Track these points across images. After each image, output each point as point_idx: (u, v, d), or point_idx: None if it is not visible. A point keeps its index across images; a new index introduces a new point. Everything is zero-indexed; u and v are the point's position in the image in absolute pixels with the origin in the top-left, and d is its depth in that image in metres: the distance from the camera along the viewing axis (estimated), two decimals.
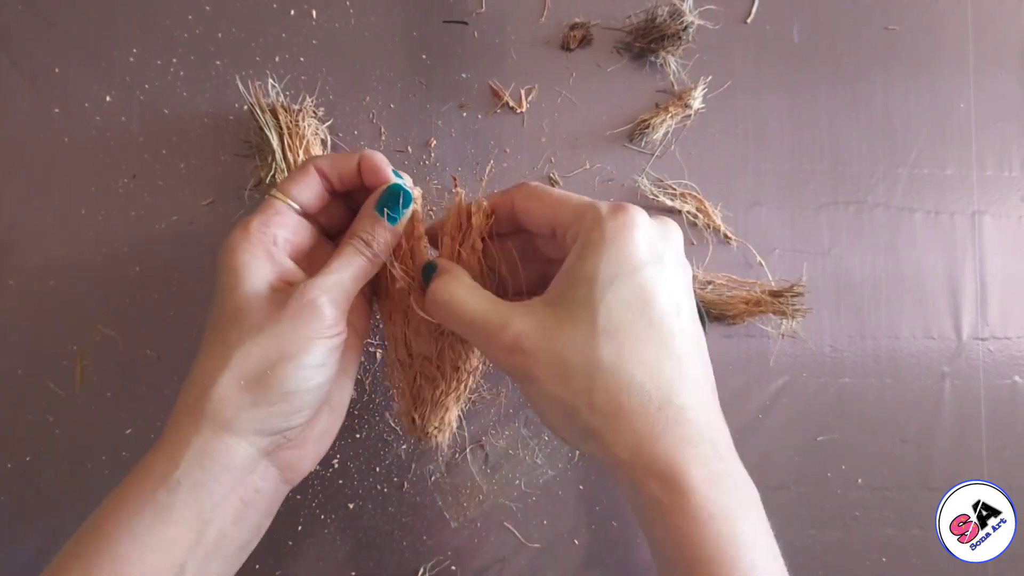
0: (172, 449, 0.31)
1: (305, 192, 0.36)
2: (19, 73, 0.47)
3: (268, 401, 0.32)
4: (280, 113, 0.45)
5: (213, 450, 0.31)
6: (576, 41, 0.50)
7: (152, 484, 0.31)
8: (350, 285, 0.35)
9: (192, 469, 0.31)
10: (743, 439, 0.50)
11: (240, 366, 0.32)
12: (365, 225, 0.36)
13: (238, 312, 0.33)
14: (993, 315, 0.53)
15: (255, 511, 0.34)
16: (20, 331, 0.46)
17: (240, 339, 0.32)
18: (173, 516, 0.30)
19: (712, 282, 0.50)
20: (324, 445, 0.38)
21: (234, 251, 0.34)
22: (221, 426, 0.31)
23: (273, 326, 0.32)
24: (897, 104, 0.53)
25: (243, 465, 0.32)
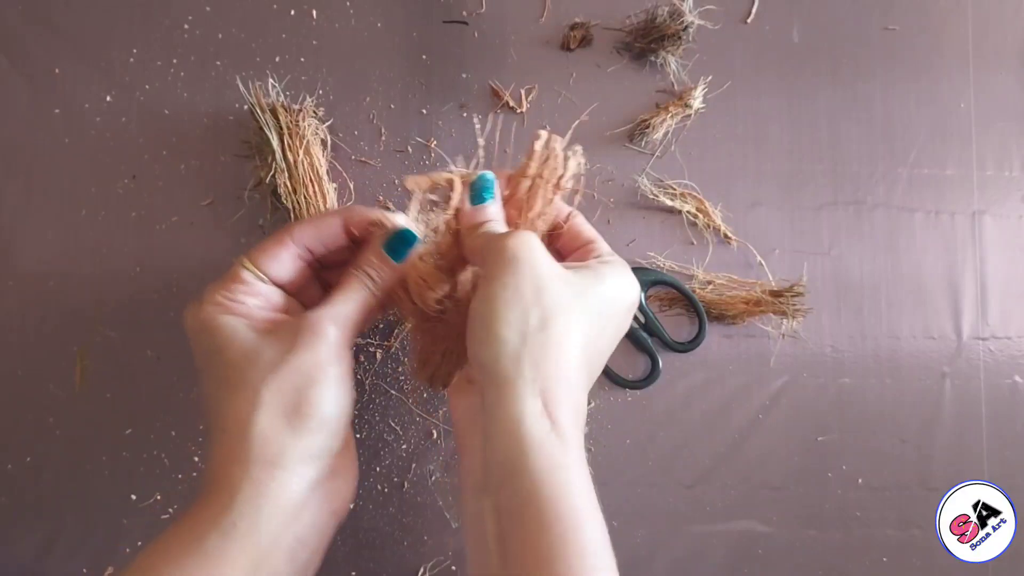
0: (221, 495, 0.31)
1: (277, 266, 0.36)
2: (19, 74, 0.47)
3: (307, 429, 0.32)
4: (280, 113, 0.45)
5: (266, 489, 0.31)
6: (576, 41, 0.50)
7: (205, 527, 0.30)
8: (355, 315, 0.35)
9: (248, 509, 0.31)
10: (743, 439, 0.50)
11: (273, 400, 0.32)
12: (371, 261, 0.36)
13: (248, 355, 0.33)
14: (993, 315, 0.53)
15: (306, 548, 0.34)
16: (20, 331, 0.46)
17: (263, 377, 0.32)
18: (227, 558, 0.30)
19: (712, 282, 0.50)
20: (353, 471, 0.38)
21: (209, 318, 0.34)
22: (270, 463, 0.31)
23: (293, 357, 0.33)
24: (897, 104, 0.53)
25: (295, 501, 0.32)
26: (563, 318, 0.33)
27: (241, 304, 0.35)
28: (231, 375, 0.33)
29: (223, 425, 0.33)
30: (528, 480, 0.30)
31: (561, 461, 0.31)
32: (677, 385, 0.50)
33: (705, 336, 0.50)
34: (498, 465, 0.31)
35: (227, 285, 0.35)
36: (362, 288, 0.36)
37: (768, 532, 0.50)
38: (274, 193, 0.45)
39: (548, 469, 0.30)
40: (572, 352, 0.33)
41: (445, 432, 0.48)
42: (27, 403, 0.46)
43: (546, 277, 0.33)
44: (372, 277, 0.36)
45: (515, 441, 0.31)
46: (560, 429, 0.31)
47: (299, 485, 0.32)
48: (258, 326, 0.34)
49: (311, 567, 0.35)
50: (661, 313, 0.50)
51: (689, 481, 0.50)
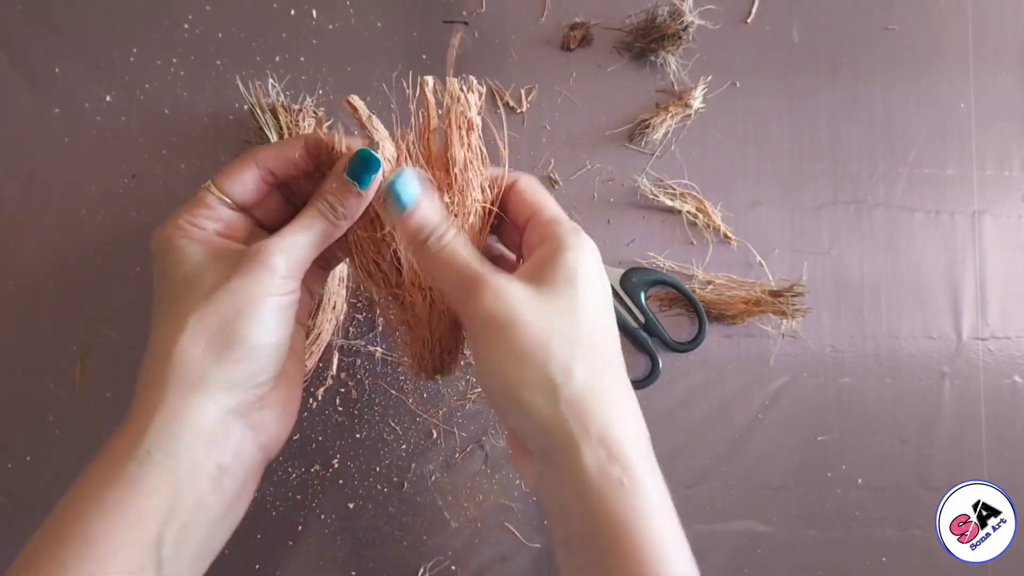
0: (138, 421, 0.31)
1: (239, 187, 0.36)
2: (19, 73, 0.47)
3: (231, 358, 0.31)
4: (280, 113, 0.45)
5: (182, 414, 0.30)
6: (576, 41, 0.50)
7: (121, 457, 0.30)
8: (308, 246, 0.34)
9: (162, 437, 0.30)
10: (743, 439, 0.50)
11: (198, 326, 0.31)
12: (333, 188, 0.35)
13: (188, 280, 0.33)
14: (993, 315, 0.53)
15: (232, 479, 0.33)
16: (20, 331, 0.46)
17: (194, 303, 0.32)
18: (144, 487, 0.29)
19: (712, 282, 0.50)
20: (291, 411, 0.37)
21: (168, 239, 0.34)
22: (187, 388, 0.31)
23: (226, 283, 0.32)
24: (897, 104, 0.53)
25: (214, 427, 0.32)
26: (579, 353, 0.32)
27: (201, 229, 0.34)
28: (169, 298, 0.33)
29: (150, 348, 0.32)
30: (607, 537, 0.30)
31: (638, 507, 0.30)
32: (677, 385, 0.50)
33: (705, 336, 0.50)
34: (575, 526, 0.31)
35: (190, 208, 0.35)
36: (318, 217, 0.35)
37: (768, 532, 0.50)
38: None
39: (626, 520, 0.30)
40: (608, 378, 0.32)
41: (445, 432, 0.48)
42: (27, 403, 0.46)
43: (540, 327, 0.31)
44: (331, 204, 0.35)
45: (587, 502, 0.30)
46: (631, 471, 0.30)
47: (217, 412, 0.32)
48: (210, 251, 0.34)
49: (241, 499, 0.34)
50: (661, 313, 0.50)
51: (689, 481, 0.50)
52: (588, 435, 0.31)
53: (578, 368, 0.31)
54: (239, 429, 0.33)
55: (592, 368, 0.32)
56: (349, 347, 0.48)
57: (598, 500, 0.30)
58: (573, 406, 0.31)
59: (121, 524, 0.29)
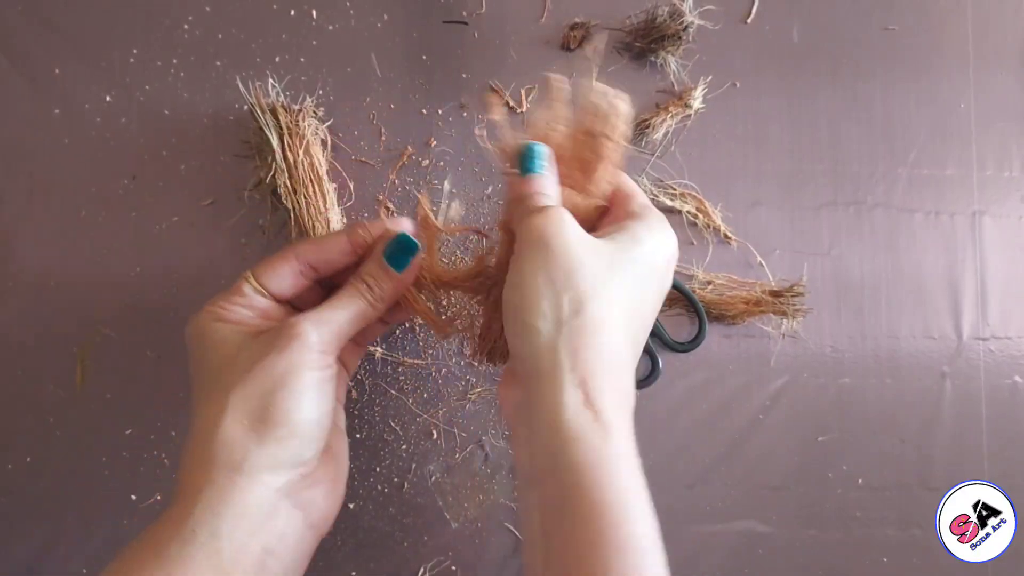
0: (184, 502, 0.31)
1: (276, 281, 0.36)
2: (19, 74, 0.47)
3: (274, 436, 0.32)
4: (280, 113, 0.45)
5: (227, 495, 0.31)
6: (576, 41, 0.50)
7: (167, 536, 0.30)
8: (344, 323, 0.35)
9: (207, 516, 0.30)
10: (743, 439, 0.50)
11: (239, 405, 0.32)
12: (372, 271, 0.36)
13: (227, 361, 0.33)
14: (993, 315, 0.53)
15: (278, 561, 0.32)
16: (20, 331, 0.46)
17: (233, 381, 0.32)
18: (190, 569, 0.29)
19: (712, 282, 0.50)
20: (340, 487, 0.37)
21: (203, 325, 0.34)
22: (232, 469, 0.31)
23: (263, 360, 0.32)
24: (897, 104, 0.53)
25: (260, 509, 0.31)
26: (599, 298, 0.32)
27: (235, 313, 0.35)
28: (209, 380, 0.33)
29: (193, 431, 0.33)
30: (569, 475, 0.30)
31: (604, 454, 0.30)
32: (677, 385, 0.50)
33: (705, 336, 0.50)
34: (541, 459, 0.31)
35: (226, 296, 0.35)
36: (356, 296, 0.35)
37: (768, 532, 0.50)
38: (274, 193, 0.45)
39: (590, 463, 0.30)
40: (612, 334, 0.32)
41: (445, 432, 0.48)
42: (27, 403, 0.46)
43: (577, 256, 0.32)
44: (369, 286, 0.36)
45: (556, 435, 0.30)
46: (603, 420, 0.31)
47: (264, 493, 0.32)
48: (246, 332, 0.34)
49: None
50: (661, 313, 0.50)
51: (689, 481, 0.50)
52: (574, 372, 0.31)
53: (590, 308, 0.32)
54: (286, 509, 0.33)
55: (604, 316, 0.32)
56: None
57: (565, 435, 0.30)
58: (570, 341, 0.31)
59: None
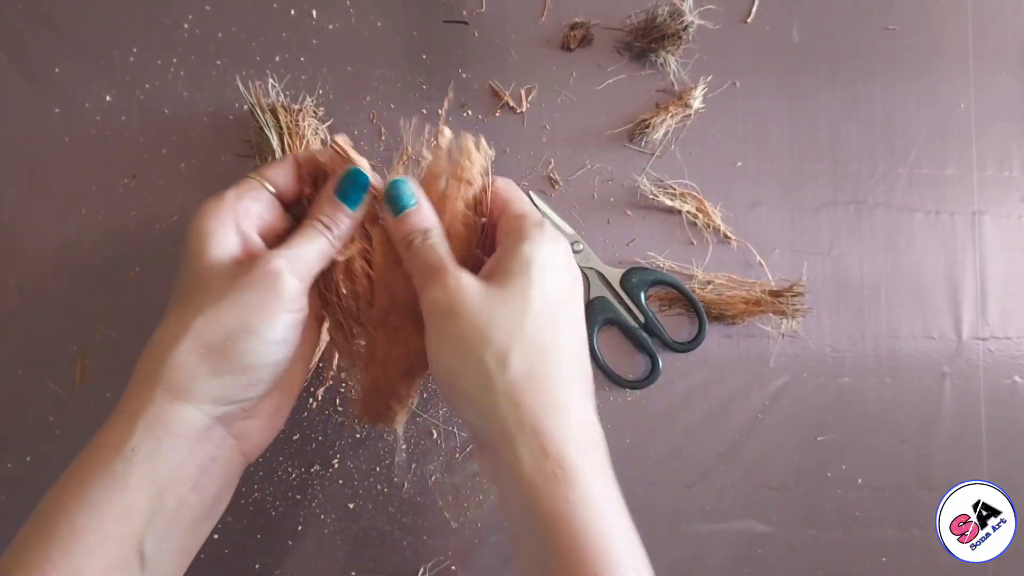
0: (127, 418, 0.31)
1: (281, 177, 0.36)
2: (19, 73, 0.47)
3: (226, 372, 0.32)
4: (280, 113, 0.45)
5: (168, 419, 0.31)
6: (576, 41, 0.50)
7: (108, 454, 0.30)
8: (312, 261, 0.34)
9: (147, 438, 0.30)
10: (743, 439, 0.50)
11: (199, 334, 0.31)
12: (324, 208, 0.35)
13: (201, 279, 0.33)
14: (993, 315, 0.53)
15: (211, 479, 0.33)
16: (20, 331, 0.46)
17: (201, 307, 0.32)
18: (130, 484, 0.30)
19: (712, 282, 0.50)
20: (278, 421, 0.37)
21: (204, 217, 0.34)
22: (176, 395, 0.31)
23: (235, 294, 0.32)
24: (897, 104, 0.53)
25: (197, 433, 0.32)
26: (520, 343, 0.32)
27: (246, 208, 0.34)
28: (183, 292, 0.33)
29: (151, 342, 0.33)
30: (545, 532, 0.29)
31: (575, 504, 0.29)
32: (677, 385, 0.50)
33: (705, 336, 0.50)
34: (516, 520, 0.31)
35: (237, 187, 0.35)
36: (316, 233, 0.35)
37: (768, 532, 0.50)
38: None
39: (562, 517, 0.29)
40: (547, 370, 0.32)
41: (445, 432, 0.48)
42: (27, 403, 0.46)
43: (483, 314, 0.32)
44: (326, 224, 0.35)
45: (522, 494, 0.30)
46: (566, 467, 0.30)
47: (202, 420, 0.32)
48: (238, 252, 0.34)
49: (220, 500, 0.35)
50: (661, 313, 0.50)
51: (689, 481, 0.50)
52: (522, 426, 0.31)
53: (515, 358, 0.31)
54: (220, 434, 0.33)
55: (531, 359, 0.32)
56: None
57: (532, 492, 0.30)
58: (508, 397, 0.31)
59: (107, 519, 0.29)
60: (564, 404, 0.32)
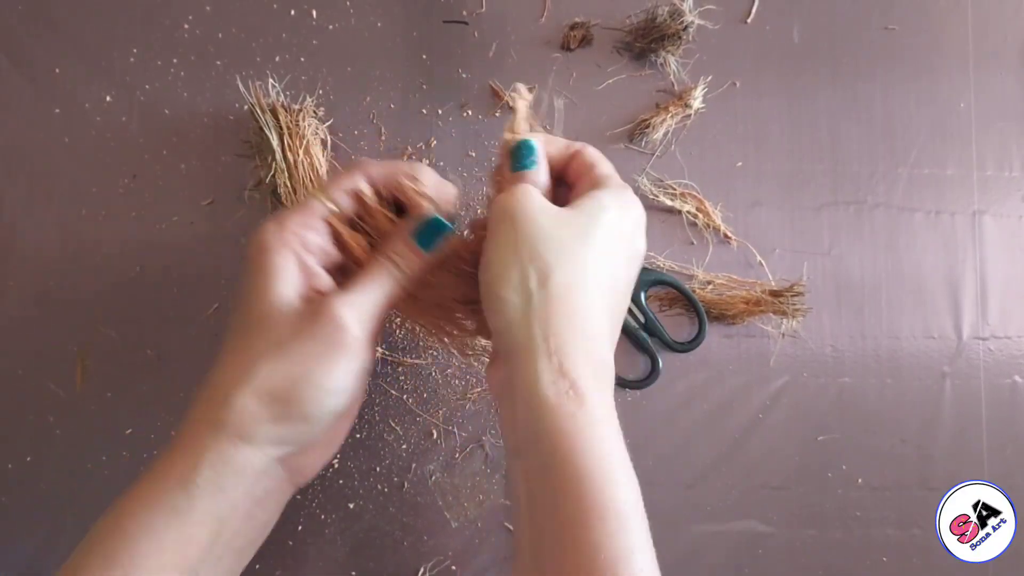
0: (190, 453, 0.31)
1: (346, 199, 0.35)
2: (20, 74, 0.47)
3: (288, 420, 0.32)
4: (280, 113, 0.45)
5: (232, 459, 0.31)
6: (576, 41, 0.50)
7: (171, 485, 0.31)
8: (379, 307, 0.34)
9: (211, 475, 0.31)
10: (743, 439, 0.50)
11: (263, 380, 0.31)
12: (399, 248, 0.35)
13: (265, 320, 0.32)
14: (993, 315, 0.53)
15: (264, 510, 0.34)
16: (20, 331, 0.46)
17: (266, 351, 0.32)
18: (191, 518, 0.31)
19: (712, 282, 0.50)
20: (331, 451, 0.38)
21: (267, 251, 0.33)
22: (240, 438, 0.31)
23: (300, 342, 0.32)
24: (897, 104, 0.53)
25: (257, 472, 0.32)
26: (566, 267, 0.32)
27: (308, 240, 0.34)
28: (246, 331, 0.33)
29: (213, 379, 0.33)
30: (548, 444, 0.30)
31: (581, 421, 0.30)
32: (677, 385, 0.50)
33: (705, 336, 0.50)
34: (522, 431, 0.31)
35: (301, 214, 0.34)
36: (388, 277, 0.34)
37: (768, 532, 0.50)
38: (274, 193, 0.45)
39: (567, 431, 0.30)
40: (583, 302, 0.32)
41: (445, 432, 0.48)
42: (27, 403, 0.46)
43: (541, 227, 0.32)
44: (397, 264, 0.34)
45: (534, 406, 0.30)
46: (579, 388, 0.30)
47: (264, 461, 0.32)
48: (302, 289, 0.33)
49: (268, 525, 0.36)
50: (661, 313, 0.50)
51: (689, 481, 0.50)
52: (547, 343, 0.31)
53: (556, 277, 0.31)
54: (278, 470, 0.34)
55: (571, 283, 0.32)
56: None
57: (543, 406, 0.30)
58: (540, 312, 0.31)
59: (167, 548, 0.30)
60: (591, 336, 0.32)
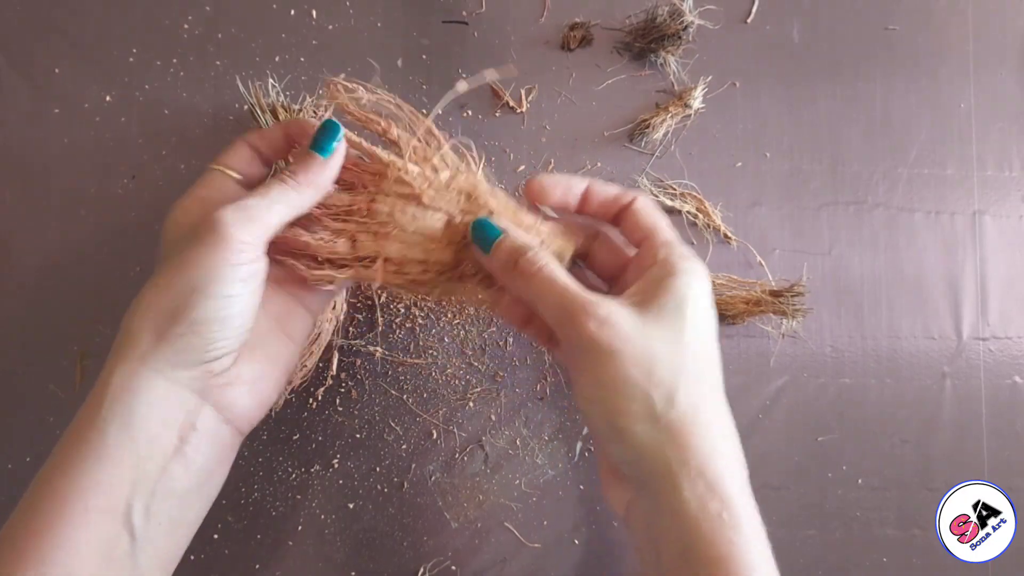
0: (98, 391, 0.31)
1: (241, 162, 0.36)
2: (19, 74, 0.47)
3: (173, 333, 0.31)
4: (280, 113, 0.45)
5: (133, 386, 0.31)
6: (576, 41, 0.50)
7: (84, 426, 0.31)
8: (268, 210, 0.33)
9: (117, 407, 0.31)
10: (743, 439, 0.50)
11: (151, 299, 0.31)
12: (294, 156, 0.36)
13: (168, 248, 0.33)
14: (993, 315, 0.53)
15: (196, 450, 0.32)
16: (20, 331, 0.46)
17: (159, 275, 0.32)
18: (108, 455, 0.30)
19: (712, 282, 0.50)
20: (264, 392, 0.36)
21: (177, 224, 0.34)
22: (135, 361, 0.31)
23: (180, 254, 0.32)
24: (897, 104, 0.53)
25: (168, 401, 0.31)
26: (682, 379, 0.31)
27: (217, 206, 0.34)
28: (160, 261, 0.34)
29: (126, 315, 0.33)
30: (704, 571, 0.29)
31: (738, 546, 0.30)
32: None
33: None
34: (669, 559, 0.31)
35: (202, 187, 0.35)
36: (278, 181, 0.34)
37: (768, 532, 0.50)
38: None
39: (723, 557, 0.29)
40: (709, 408, 0.32)
41: (445, 432, 0.48)
42: (27, 403, 0.46)
43: (649, 350, 0.31)
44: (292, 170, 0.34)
45: (684, 533, 0.30)
46: (731, 507, 0.30)
47: (168, 386, 0.31)
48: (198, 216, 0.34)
49: (214, 474, 0.34)
50: None
51: None
52: (687, 466, 0.30)
53: (680, 396, 0.31)
54: (194, 401, 0.32)
55: (694, 397, 0.31)
56: (349, 347, 0.48)
57: (696, 533, 0.30)
58: (673, 435, 0.31)
59: (89, 491, 0.29)
60: (725, 441, 0.32)
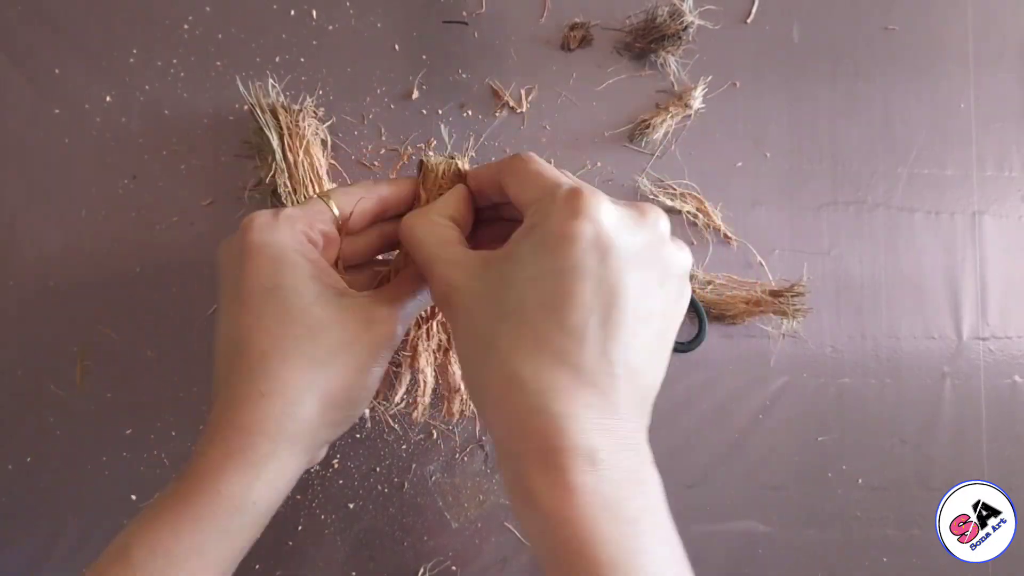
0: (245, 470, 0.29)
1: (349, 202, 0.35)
2: (20, 74, 0.47)
3: (339, 422, 0.32)
4: (280, 113, 0.45)
5: (290, 470, 0.31)
6: (576, 41, 0.50)
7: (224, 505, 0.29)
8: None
9: (268, 492, 0.30)
10: (743, 439, 0.50)
11: (326, 389, 0.31)
12: None
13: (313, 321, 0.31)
14: (993, 315, 0.53)
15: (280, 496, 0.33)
16: (20, 331, 0.46)
17: (328, 359, 0.31)
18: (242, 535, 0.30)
19: (712, 282, 0.50)
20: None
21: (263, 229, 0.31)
22: (302, 448, 0.31)
23: (356, 348, 0.31)
24: (897, 104, 0.53)
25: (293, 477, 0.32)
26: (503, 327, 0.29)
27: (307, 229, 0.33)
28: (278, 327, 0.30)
29: (262, 388, 0.30)
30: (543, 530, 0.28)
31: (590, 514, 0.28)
32: (677, 385, 0.50)
33: (705, 336, 0.49)
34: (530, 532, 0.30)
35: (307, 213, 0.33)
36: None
37: (768, 532, 0.50)
38: (274, 193, 0.45)
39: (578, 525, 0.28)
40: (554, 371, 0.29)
41: (445, 432, 0.48)
42: (27, 403, 0.46)
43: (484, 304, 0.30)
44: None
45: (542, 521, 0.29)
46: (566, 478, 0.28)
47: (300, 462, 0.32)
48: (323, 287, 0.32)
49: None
50: None
51: (689, 481, 0.50)
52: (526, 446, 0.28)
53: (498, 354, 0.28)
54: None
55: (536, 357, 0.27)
56: None
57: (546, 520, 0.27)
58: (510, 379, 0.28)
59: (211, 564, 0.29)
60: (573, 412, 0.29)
